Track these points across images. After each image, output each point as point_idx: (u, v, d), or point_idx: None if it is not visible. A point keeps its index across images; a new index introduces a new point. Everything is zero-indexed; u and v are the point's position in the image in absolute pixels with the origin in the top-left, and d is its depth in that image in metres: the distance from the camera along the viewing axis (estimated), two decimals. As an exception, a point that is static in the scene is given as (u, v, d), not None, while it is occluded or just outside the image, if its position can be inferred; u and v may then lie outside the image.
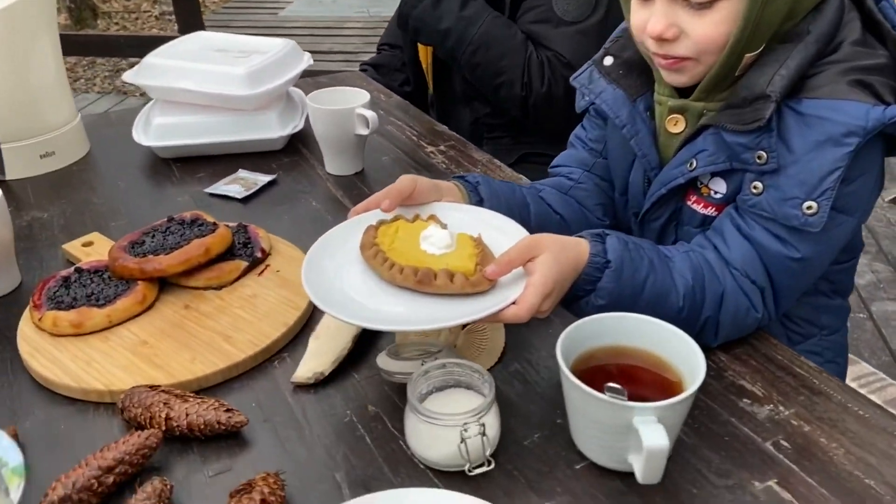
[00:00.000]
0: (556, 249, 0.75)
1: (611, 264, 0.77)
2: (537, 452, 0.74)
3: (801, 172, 0.77)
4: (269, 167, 1.39)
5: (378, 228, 0.84)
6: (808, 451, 0.74)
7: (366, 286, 0.80)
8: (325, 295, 0.76)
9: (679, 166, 0.87)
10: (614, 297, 0.77)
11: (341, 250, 0.85)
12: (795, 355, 0.87)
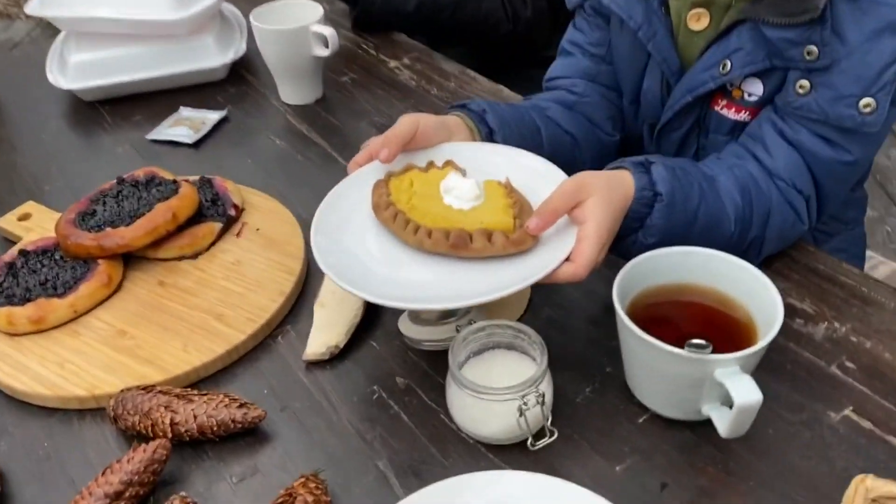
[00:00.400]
0: (604, 190, 0.65)
1: (661, 197, 0.68)
2: (594, 410, 0.67)
3: (857, 66, 0.69)
4: (215, 101, 1.23)
5: (389, 183, 0.73)
6: (876, 371, 0.69)
7: (387, 254, 0.69)
8: (347, 272, 0.65)
9: (708, 69, 0.77)
10: (665, 233, 0.69)
11: (351, 213, 0.73)
12: (836, 262, 0.82)
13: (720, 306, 0.65)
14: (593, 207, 0.65)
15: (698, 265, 0.66)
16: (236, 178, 1.00)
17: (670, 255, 0.66)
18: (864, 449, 0.63)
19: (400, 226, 0.68)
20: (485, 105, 0.83)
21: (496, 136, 0.81)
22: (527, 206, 0.70)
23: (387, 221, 0.69)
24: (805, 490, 0.60)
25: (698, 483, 0.61)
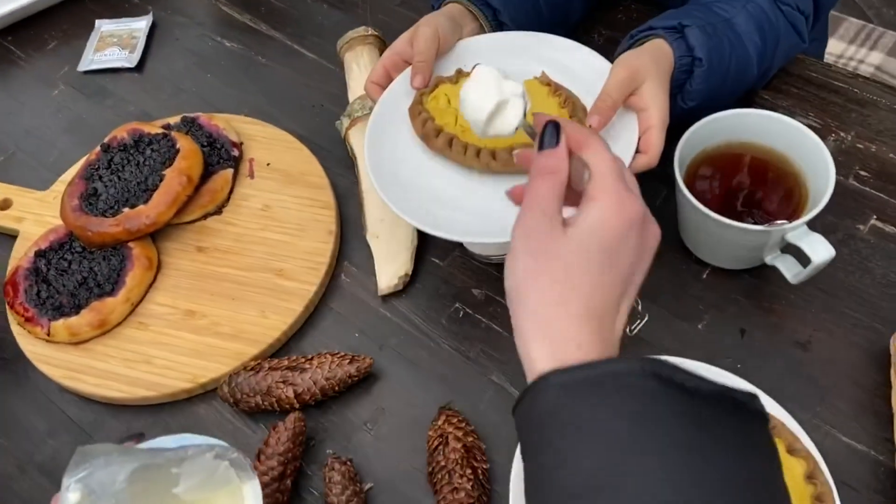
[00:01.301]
0: (654, 70, 0.66)
1: (701, 62, 0.70)
2: (661, 277, 0.74)
3: None
4: (129, 3, 1.11)
5: (424, 105, 0.71)
6: (886, 174, 0.78)
7: (452, 182, 0.69)
8: (422, 214, 0.66)
9: None
10: (706, 90, 0.71)
11: (397, 146, 0.71)
12: (825, 65, 0.87)
13: (770, 159, 0.71)
14: (651, 93, 0.66)
15: (752, 124, 0.70)
16: (203, 100, 0.95)
17: (728, 117, 0.70)
18: (893, 253, 0.73)
19: (459, 152, 0.68)
20: None
21: (502, 15, 0.79)
22: (576, 102, 0.70)
23: (443, 150, 0.69)
24: (856, 304, 0.70)
25: (770, 321, 0.71)
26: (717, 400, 0.37)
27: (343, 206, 0.84)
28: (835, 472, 0.61)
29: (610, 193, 0.44)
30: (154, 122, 0.89)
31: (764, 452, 0.39)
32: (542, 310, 0.43)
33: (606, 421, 0.37)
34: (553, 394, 0.38)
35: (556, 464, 0.38)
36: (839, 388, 0.66)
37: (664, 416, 0.36)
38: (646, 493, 0.34)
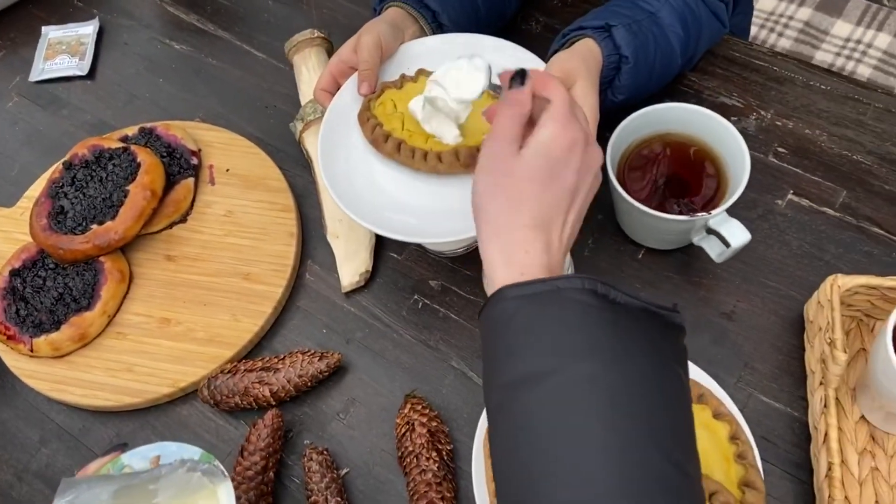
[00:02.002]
0: (585, 71, 0.70)
1: (627, 59, 0.75)
2: (600, 257, 0.81)
3: None
4: (74, 8, 1.12)
5: (372, 111, 0.75)
6: (802, 149, 0.85)
7: (403, 185, 0.73)
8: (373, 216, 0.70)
9: None
10: (633, 86, 0.77)
11: (350, 150, 0.75)
12: (746, 44, 0.93)
13: (693, 147, 0.77)
14: (582, 94, 0.70)
15: (677, 117, 0.76)
16: (158, 107, 0.97)
17: (654, 111, 0.76)
18: (808, 224, 0.80)
19: (407, 156, 0.72)
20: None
21: (441, 16, 0.83)
22: None
23: (392, 154, 0.73)
24: (774, 275, 0.78)
25: (699, 295, 0.78)
26: (642, 312, 0.46)
27: (302, 207, 0.88)
28: (756, 430, 0.69)
29: (556, 119, 0.52)
30: (112, 135, 0.92)
31: (676, 356, 0.48)
32: (496, 219, 0.51)
33: (549, 325, 0.45)
34: (509, 304, 0.47)
35: (507, 357, 0.46)
36: (760, 353, 0.74)
37: (596, 323, 0.45)
38: (576, 380, 0.43)
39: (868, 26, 1.55)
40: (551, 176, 0.51)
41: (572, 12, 0.98)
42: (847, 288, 0.67)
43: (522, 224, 0.50)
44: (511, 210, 0.51)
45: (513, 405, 0.45)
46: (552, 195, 0.51)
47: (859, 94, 0.87)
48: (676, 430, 0.44)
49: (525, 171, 0.51)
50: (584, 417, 0.42)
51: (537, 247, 0.50)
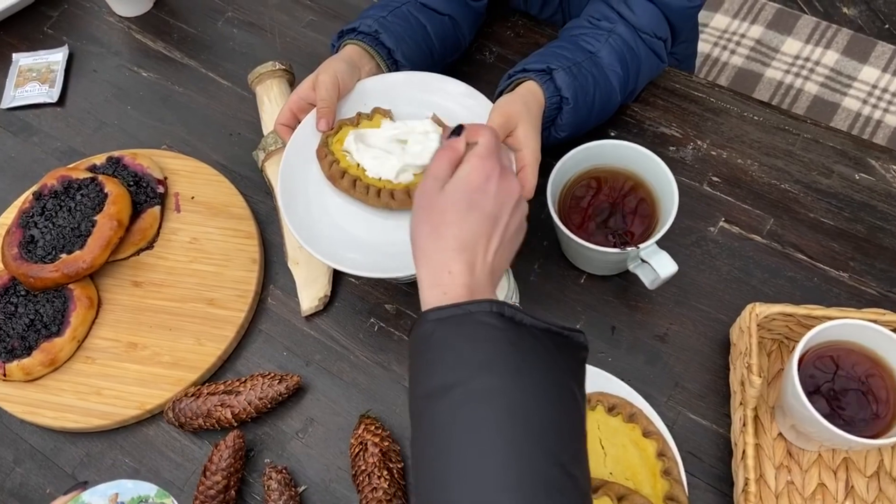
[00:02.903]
0: (526, 114, 0.75)
1: (567, 101, 0.80)
2: (545, 282, 0.86)
3: None
4: (44, 35, 1.14)
5: (330, 147, 0.79)
6: (734, 178, 0.90)
7: (356, 220, 0.78)
8: (331, 250, 0.75)
9: None
10: (574, 124, 0.82)
11: (307, 185, 0.79)
12: (686, 76, 0.98)
13: (629, 181, 0.82)
14: (524, 135, 0.74)
15: (608, 153, 0.81)
16: (126, 133, 1.01)
17: (581, 151, 0.81)
18: (737, 251, 0.86)
19: (361, 192, 0.77)
20: (375, 25, 0.87)
21: (396, 53, 0.87)
22: None
23: (347, 190, 0.77)
24: (705, 299, 0.83)
25: (635, 318, 0.83)
26: (545, 333, 0.52)
27: (265, 233, 0.93)
28: (684, 445, 0.75)
29: (476, 155, 0.60)
30: (80, 164, 0.95)
31: (572, 371, 0.54)
32: (424, 245, 0.57)
33: (459, 343, 0.52)
34: (429, 325, 0.53)
35: (424, 371, 0.52)
36: (690, 373, 0.80)
37: (500, 341, 0.51)
38: (478, 391, 0.49)
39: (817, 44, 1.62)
40: (470, 205, 0.58)
41: (524, 43, 1.03)
42: (765, 315, 0.73)
43: (446, 248, 0.57)
44: (436, 236, 0.57)
45: (426, 414, 0.51)
46: (472, 222, 0.58)
47: (789, 126, 0.93)
48: (564, 436, 0.50)
49: (447, 201, 0.58)
50: (484, 423, 0.48)
51: (459, 268, 0.56)
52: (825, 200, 0.87)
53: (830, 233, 0.85)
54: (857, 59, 1.63)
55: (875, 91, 1.58)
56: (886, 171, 0.88)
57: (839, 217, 0.86)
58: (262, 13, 1.12)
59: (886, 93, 1.57)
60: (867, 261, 0.83)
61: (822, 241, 0.85)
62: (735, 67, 1.63)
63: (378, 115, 0.81)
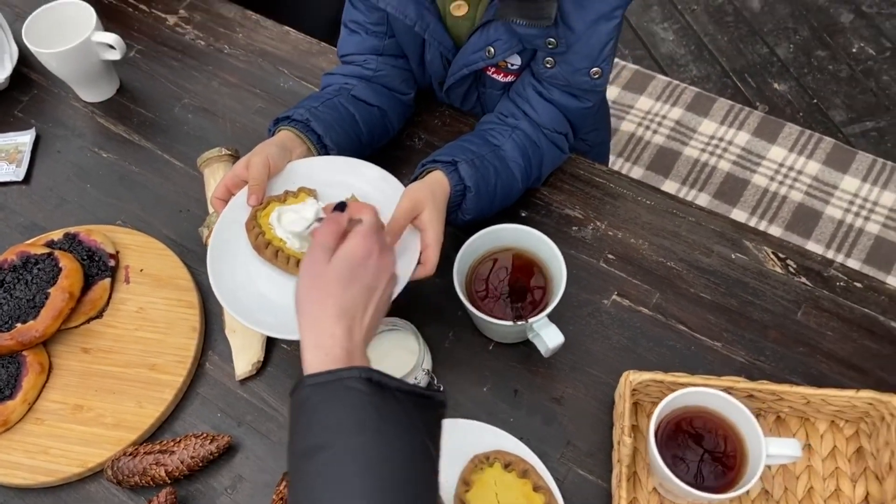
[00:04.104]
0: (431, 200, 0.86)
1: (470, 189, 0.91)
2: (458, 349, 0.95)
3: (585, 47, 0.90)
4: (14, 118, 1.25)
5: (258, 219, 0.89)
6: (627, 256, 1.01)
7: (278, 286, 0.87)
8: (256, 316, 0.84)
9: (478, 52, 0.95)
10: (477, 209, 0.94)
11: (236, 254, 0.89)
12: (589, 163, 1.10)
13: (527, 258, 0.92)
14: (428, 219, 0.85)
15: (507, 235, 0.92)
16: (85, 210, 1.10)
17: (485, 234, 0.91)
18: (627, 321, 0.96)
19: (283, 261, 0.87)
20: (306, 114, 0.98)
21: (325, 139, 0.98)
22: None
23: (271, 259, 0.87)
24: (597, 364, 0.93)
25: (535, 382, 0.93)
26: (407, 395, 0.62)
27: (207, 303, 1.02)
28: (573, 499, 0.84)
29: (359, 233, 0.70)
30: (39, 239, 1.05)
31: (428, 430, 0.62)
32: (309, 310, 0.66)
33: (330, 407, 0.60)
34: (306, 390, 0.61)
35: (300, 432, 0.60)
36: (581, 433, 0.89)
37: (366, 405, 0.60)
38: (344, 451, 0.58)
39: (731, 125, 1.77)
40: (352, 277, 0.68)
41: (450, 131, 1.15)
42: (638, 381, 0.83)
43: (329, 314, 0.66)
44: (320, 303, 0.67)
45: (301, 470, 0.60)
46: (354, 292, 0.68)
47: (677, 210, 1.04)
48: (417, 487, 0.59)
49: (332, 272, 0.67)
50: (346, 479, 0.57)
51: (341, 333, 0.65)
52: (705, 277, 0.98)
53: (708, 306, 0.96)
54: (767, 140, 1.77)
55: (782, 169, 1.72)
56: (759, 251, 0.99)
57: (716, 292, 0.97)
58: (216, 100, 1.23)
59: (792, 170, 1.71)
60: (738, 332, 0.94)
61: (700, 313, 0.96)
62: (657, 146, 1.77)
63: (303, 193, 0.91)
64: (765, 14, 2.46)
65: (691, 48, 2.40)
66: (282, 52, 1.27)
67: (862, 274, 0.97)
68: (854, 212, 1.64)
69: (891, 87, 2.26)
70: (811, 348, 0.92)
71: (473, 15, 0.96)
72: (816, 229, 1.61)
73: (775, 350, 0.92)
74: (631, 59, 2.34)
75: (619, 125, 1.80)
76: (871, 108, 2.21)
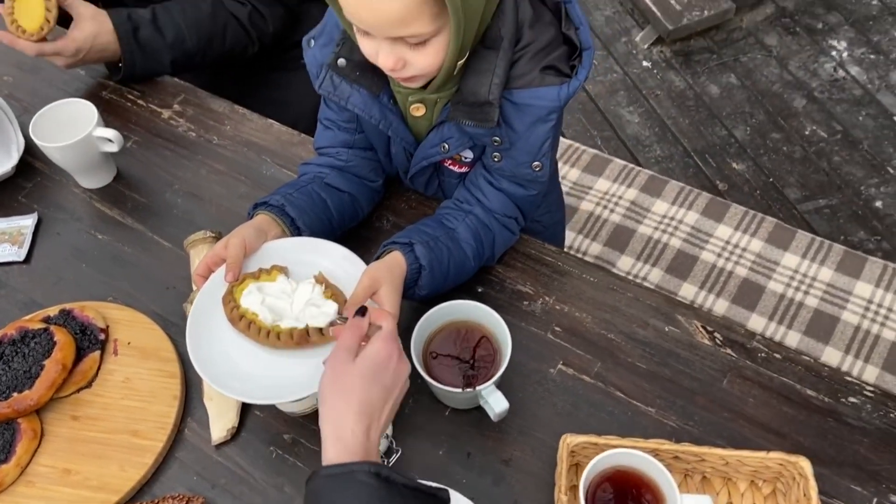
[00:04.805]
0: (389, 277, 0.97)
1: (424, 268, 1.02)
2: (416, 415, 1.04)
3: (526, 145, 1.03)
4: (18, 203, 1.36)
5: (234, 294, 0.99)
6: (572, 328, 1.11)
7: (250, 355, 0.97)
8: (227, 380, 0.93)
9: (434, 147, 1.09)
10: (431, 286, 1.05)
11: (213, 326, 0.99)
12: (540, 244, 1.21)
13: (478, 331, 1.03)
14: (385, 295, 0.96)
15: (460, 310, 1.02)
16: (80, 287, 1.20)
17: (441, 309, 1.02)
18: (571, 389, 1.05)
19: (254, 333, 0.96)
20: (282, 199, 1.10)
21: (298, 221, 1.09)
22: (338, 293, 0.99)
23: (244, 331, 0.97)
24: (543, 428, 1.02)
25: (487, 445, 1.01)
26: (412, 491, 0.70)
27: (188, 373, 1.11)
28: (516, 553, 0.91)
29: (382, 338, 0.81)
30: (37, 315, 1.14)
31: None
32: (333, 406, 0.75)
33: (342, 496, 0.69)
34: (320, 480, 0.71)
35: None
36: (527, 492, 0.97)
37: (373, 498, 0.69)
38: None
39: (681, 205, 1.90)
40: (374, 377, 0.78)
41: (415, 214, 1.26)
42: (575, 444, 0.92)
43: (352, 410, 0.76)
44: (344, 399, 0.76)
45: None
46: (375, 391, 0.78)
47: (617, 286, 1.15)
48: None
49: (356, 371, 0.78)
50: None
51: (360, 429, 0.75)
52: (641, 348, 1.08)
53: (643, 375, 1.06)
54: (714, 219, 1.90)
55: (728, 246, 1.84)
56: (689, 325, 1.10)
57: (651, 362, 1.07)
58: (203, 186, 1.35)
59: (737, 248, 1.84)
60: (670, 398, 1.03)
61: (636, 381, 1.05)
62: (614, 224, 1.90)
63: (276, 270, 1.02)
64: (723, 99, 2.64)
65: (655, 130, 2.57)
66: (265, 142, 1.40)
67: (781, 346, 1.08)
68: (794, 286, 1.75)
69: (842, 167, 2.41)
70: (735, 413, 1.02)
71: (430, 115, 1.09)
72: (760, 303, 1.72)
73: (703, 415, 1.02)
74: (599, 140, 2.50)
75: (580, 204, 1.93)
76: (823, 187, 2.36)
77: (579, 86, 0.98)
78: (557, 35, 1.00)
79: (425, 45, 0.92)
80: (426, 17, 0.87)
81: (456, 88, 1.02)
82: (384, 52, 0.93)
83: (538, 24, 0.99)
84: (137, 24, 1.42)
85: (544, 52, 0.99)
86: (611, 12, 2.98)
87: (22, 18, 1.33)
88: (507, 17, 0.97)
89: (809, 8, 2.88)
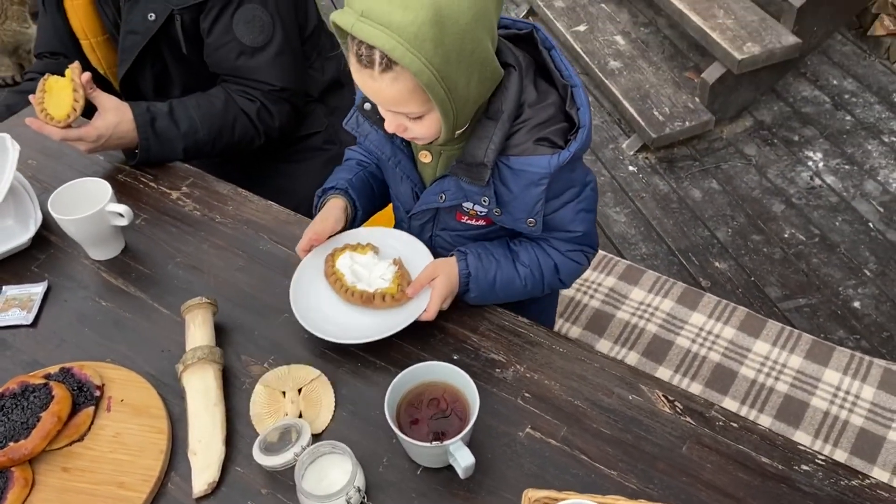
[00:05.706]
0: (446, 271, 1.20)
1: (471, 275, 1.20)
2: (391, 472, 1.09)
3: (521, 204, 1.18)
4: (31, 272, 1.45)
5: (334, 257, 1.28)
6: (541, 395, 1.18)
7: (334, 306, 1.26)
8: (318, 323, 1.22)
9: (434, 195, 1.25)
10: (479, 292, 1.25)
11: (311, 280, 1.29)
12: (513, 315, 1.29)
13: (449, 391, 1.09)
14: (440, 281, 1.19)
15: (436, 371, 1.09)
16: (81, 349, 1.27)
17: (415, 369, 1.09)
18: (538, 451, 1.11)
19: (337, 287, 1.26)
20: (344, 183, 1.35)
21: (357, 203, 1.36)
22: (407, 275, 1.26)
23: (332, 284, 1.27)
24: (510, 489, 1.07)
25: (455, 503, 1.06)
26: None
27: (175, 429, 1.17)
28: None
29: None
30: (38, 372, 1.21)
31: None
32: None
33: None
34: None
35: None
36: (492, 548, 1.01)
37: None
38: None
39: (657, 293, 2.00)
40: None
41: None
42: (535, 499, 0.96)
43: None
44: None
45: None
46: None
47: (584, 357, 1.22)
48: None
49: None
50: None
51: None
52: (605, 414, 1.14)
53: (607, 440, 1.11)
54: (688, 307, 1.99)
55: (702, 333, 1.92)
56: (651, 394, 1.16)
57: (615, 428, 1.13)
58: (204, 259, 1.45)
59: (710, 334, 1.91)
60: (631, 462, 1.08)
61: (600, 445, 1.11)
62: (593, 308, 1.98)
63: (369, 247, 1.31)
64: (705, 202, 2.78)
65: (641, 229, 2.69)
66: (264, 221, 1.51)
67: (737, 415, 1.14)
68: (766, 372, 1.81)
69: (820, 268, 2.51)
70: (693, 478, 1.06)
71: (436, 164, 1.25)
72: (733, 387, 1.77)
73: (662, 479, 1.06)
74: (587, 238, 2.62)
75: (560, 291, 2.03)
76: (803, 287, 2.45)
77: (569, 156, 1.13)
78: (557, 113, 1.15)
79: (422, 119, 1.09)
80: (417, 101, 1.04)
81: (460, 147, 1.17)
82: (388, 119, 1.13)
83: (540, 104, 1.16)
84: (155, 115, 1.57)
85: (540, 127, 1.14)
86: (599, 121, 3.18)
87: (51, 107, 1.48)
88: (509, 94, 1.13)
89: (786, 122, 3.06)
